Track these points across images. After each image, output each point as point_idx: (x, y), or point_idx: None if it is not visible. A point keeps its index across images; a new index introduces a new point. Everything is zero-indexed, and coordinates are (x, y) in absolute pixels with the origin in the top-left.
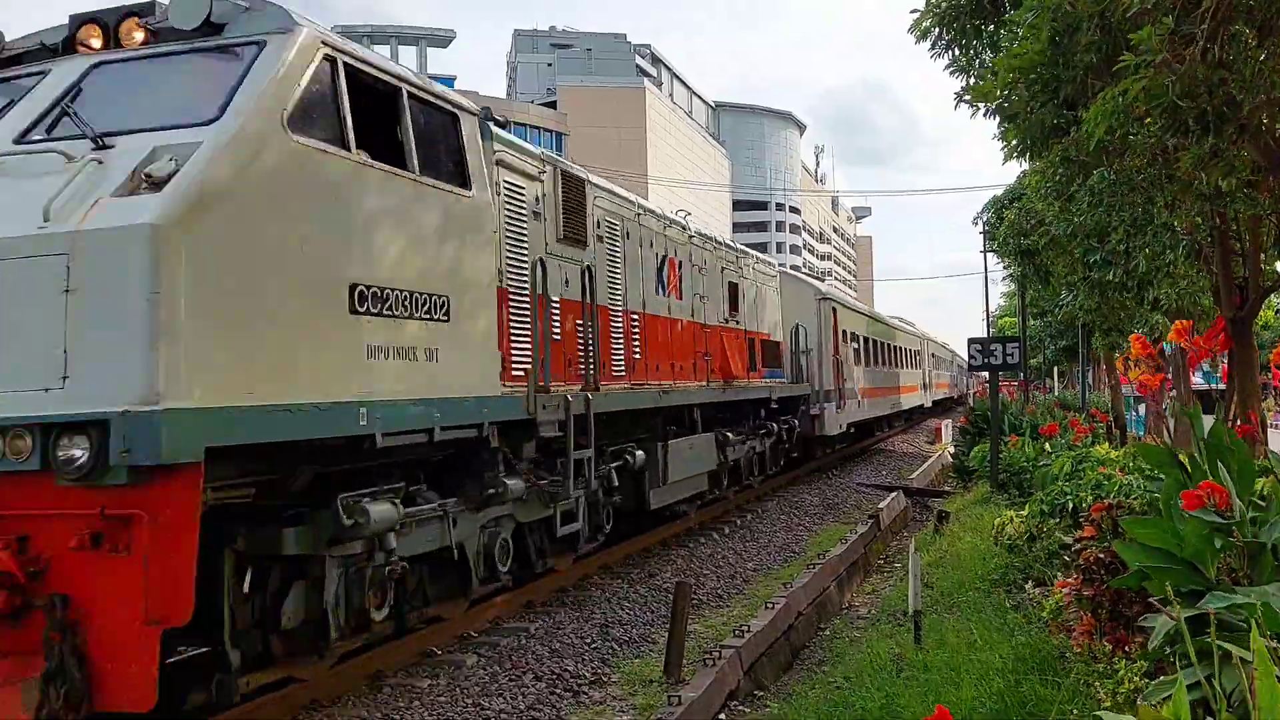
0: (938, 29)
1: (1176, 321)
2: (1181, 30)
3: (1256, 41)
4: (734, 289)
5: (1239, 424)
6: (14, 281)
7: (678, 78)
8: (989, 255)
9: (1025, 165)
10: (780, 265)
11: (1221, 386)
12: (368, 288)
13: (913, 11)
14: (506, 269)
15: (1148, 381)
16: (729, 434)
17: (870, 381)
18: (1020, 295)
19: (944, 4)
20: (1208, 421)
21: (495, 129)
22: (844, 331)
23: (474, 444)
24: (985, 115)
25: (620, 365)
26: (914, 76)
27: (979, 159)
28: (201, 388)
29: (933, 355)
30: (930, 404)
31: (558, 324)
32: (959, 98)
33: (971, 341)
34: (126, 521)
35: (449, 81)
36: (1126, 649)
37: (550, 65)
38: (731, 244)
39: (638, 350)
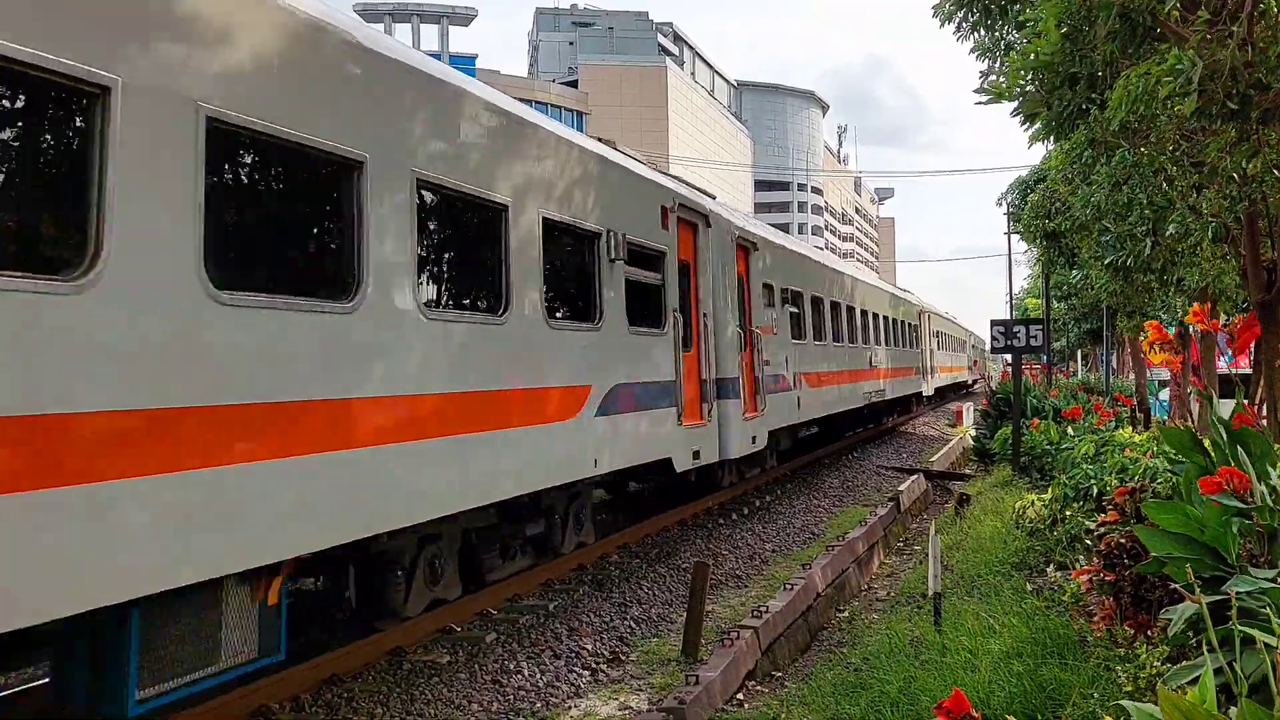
0: (961, 11)
1: (1195, 304)
2: (1218, 21)
3: None
4: None
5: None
6: None
7: (700, 56)
8: (1013, 237)
9: (1050, 146)
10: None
11: (1243, 372)
12: None
13: None
14: None
15: (1172, 362)
16: None
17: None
18: (1044, 277)
19: None
20: (1228, 405)
21: None
22: None
23: None
24: (1011, 115)
25: None
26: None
27: (993, 136)
28: None
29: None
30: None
31: None
32: (981, 79)
33: (995, 323)
34: None
35: (470, 60)
36: (1148, 634)
37: (572, 44)
38: None
39: None
